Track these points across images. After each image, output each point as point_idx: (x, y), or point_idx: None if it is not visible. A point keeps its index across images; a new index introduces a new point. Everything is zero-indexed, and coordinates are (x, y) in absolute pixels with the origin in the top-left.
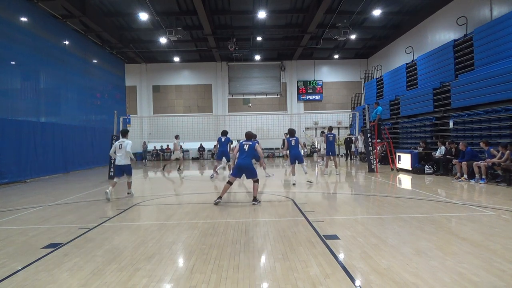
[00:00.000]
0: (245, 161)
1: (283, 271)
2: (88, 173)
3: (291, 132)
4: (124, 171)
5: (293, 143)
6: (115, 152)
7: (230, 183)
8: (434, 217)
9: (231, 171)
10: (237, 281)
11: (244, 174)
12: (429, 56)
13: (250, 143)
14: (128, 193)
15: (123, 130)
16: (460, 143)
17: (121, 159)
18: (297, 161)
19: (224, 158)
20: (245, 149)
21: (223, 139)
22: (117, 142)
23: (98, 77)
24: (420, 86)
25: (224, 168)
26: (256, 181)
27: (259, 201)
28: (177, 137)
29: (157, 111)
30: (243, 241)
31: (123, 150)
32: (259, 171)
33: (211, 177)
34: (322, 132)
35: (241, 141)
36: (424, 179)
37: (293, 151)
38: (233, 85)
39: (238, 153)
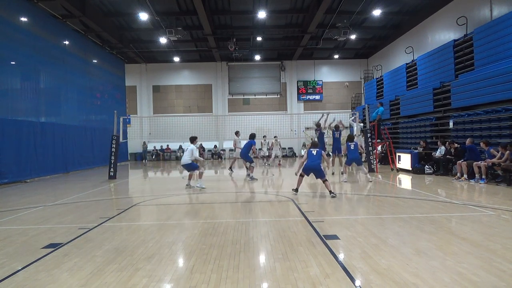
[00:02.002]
0: (314, 163)
1: (283, 271)
2: (88, 173)
3: (351, 138)
4: (185, 168)
5: (352, 147)
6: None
7: (302, 176)
8: (434, 217)
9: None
10: (237, 281)
11: (312, 173)
12: (429, 56)
13: (318, 149)
14: (186, 185)
15: (191, 137)
16: (468, 139)
17: (183, 159)
18: (355, 163)
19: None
20: (313, 153)
21: (245, 142)
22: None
23: (98, 77)
24: (420, 86)
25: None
26: (325, 180)
27: (335, 194)
28: (237, 133)
29: (157, 111)
30: (243, 241)
31: (186, 152)
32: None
33: (250, 177)
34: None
35: (309, 149)
36: (424, 179)
37: (351, 155)
38: (233, 85)
39: (307, 158)
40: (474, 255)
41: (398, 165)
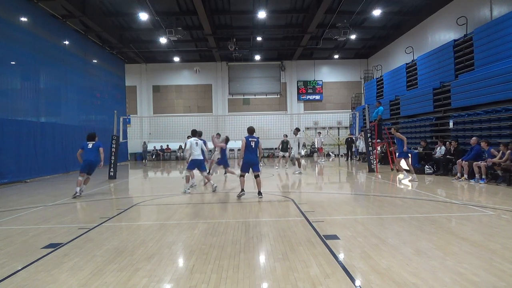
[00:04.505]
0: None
1: (283, 271)
2: None
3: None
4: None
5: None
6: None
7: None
8: (434, 217)
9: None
10: (237, 281)
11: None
12: (429, 56)
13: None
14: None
15: (193, 130)
16: (473, 138)
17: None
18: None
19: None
20: (195, 145)
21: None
22: (193, 139)
23: (98, 77)
24: (420, 86)
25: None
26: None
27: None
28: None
29: (157, 111)
30: (243, 241)
31: (198, 147)
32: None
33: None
34: (319, 132)
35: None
36: (424, 179)
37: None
38: (233, 85)
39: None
40: (474, 255)
41: None
